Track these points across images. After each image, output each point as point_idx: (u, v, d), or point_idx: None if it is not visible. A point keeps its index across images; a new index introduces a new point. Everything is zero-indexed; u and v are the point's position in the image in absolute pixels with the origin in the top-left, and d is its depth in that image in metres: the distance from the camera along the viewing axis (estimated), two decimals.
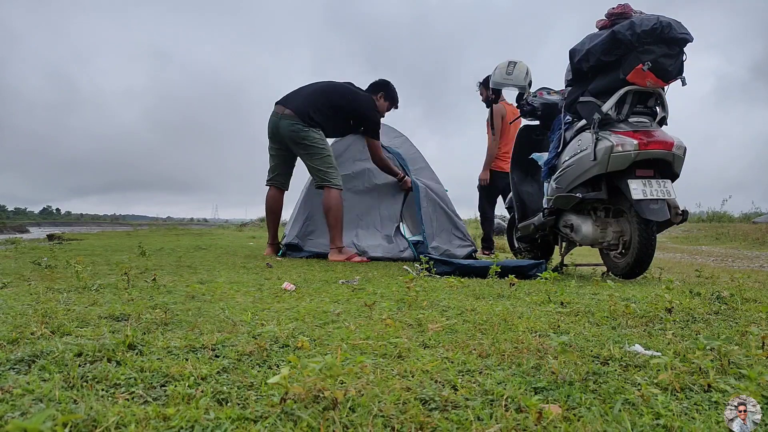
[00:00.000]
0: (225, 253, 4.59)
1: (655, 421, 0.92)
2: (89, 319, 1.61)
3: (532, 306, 2.09)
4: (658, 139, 3.04)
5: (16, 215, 73.23)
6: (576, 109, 3.44)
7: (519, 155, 4.56)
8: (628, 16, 3.09)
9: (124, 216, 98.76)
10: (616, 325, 1.73)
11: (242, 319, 1.69)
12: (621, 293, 2.36)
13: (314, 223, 4.60)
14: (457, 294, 2.40)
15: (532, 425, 0.89)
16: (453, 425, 0.90)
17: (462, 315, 1.86)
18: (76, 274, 2.47)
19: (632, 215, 3.13)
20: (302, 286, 2.60)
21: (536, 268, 3.30)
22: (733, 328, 1.72)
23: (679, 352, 1.36)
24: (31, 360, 1.16)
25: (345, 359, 1.22)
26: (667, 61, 2.96)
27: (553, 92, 4.35)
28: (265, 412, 0.92)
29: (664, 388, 1.09)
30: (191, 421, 0.87)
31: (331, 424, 0.88)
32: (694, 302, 2.13)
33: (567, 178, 3.44)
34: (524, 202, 4.44)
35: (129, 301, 1.96)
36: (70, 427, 0.82)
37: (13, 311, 1.70)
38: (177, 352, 1.27)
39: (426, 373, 1.17)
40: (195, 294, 2.18)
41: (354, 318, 1.77)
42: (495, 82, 4.22)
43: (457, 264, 3.39)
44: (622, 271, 3.28)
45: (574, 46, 3.34)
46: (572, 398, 1.02)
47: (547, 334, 1.55)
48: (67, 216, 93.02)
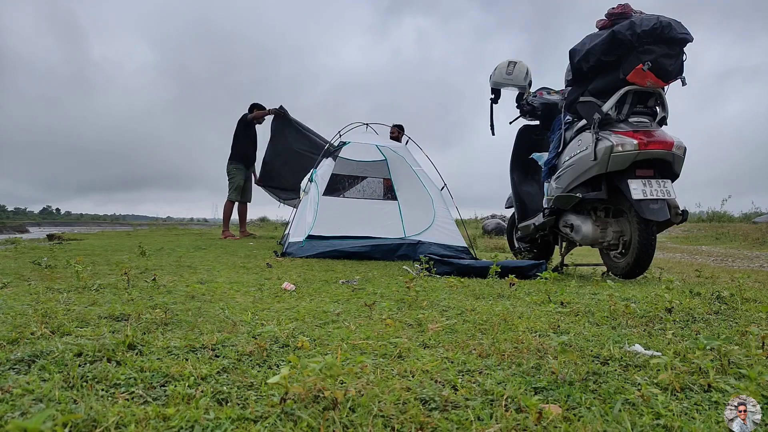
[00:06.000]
0: (225, 253, 4.59)
1: (655, 421, 0.92)
2: (89, 319, 1.61)
3: (532, 306, 2.09)
4: (658, 139, 3.04)
5: (16, 215, 73.27)
6: (576, 109, 3.44)
7: (519, 155, 4.56)
8: (628, 16, 3.09)
9: (125, 216, 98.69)
10: (616, 325, 1.73)
11: (242, 319, 1.69)
12: (621, 293, 2.36)
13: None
14: (457, 294, 2.40)
15: (532, 425, 0.89)
16: (453, 425, 0.90)
17: (462, 315, 1.86)
18: (76, 274, 2.47)
19: (632, 215, 3.13)
20: (302, 286, 2.60)
21: (536, 268, 3.30)
22: (733, 328, 1.72)
23: (679, 352, 1.36)
24: (31, 360, 1.16)
25: (345, 359, 1.22)
26: (667, 61, 2.96)
27: (553, 92, 4.35)
28: (265, 412, 0.92)
29: (664, 388, 1.09)
30: (191, 421, 0.87)
31: (331, 424, 0.88)
32: (694, 302, 2.13)
33: (567, 178, 3.44)
34: (524, 202, 4.44)
35: (129, 301, 1.96)
36: (70, 427, 0.83)
37: (13, 311, 1.70)
38: (177, 352, 1.27)
39: (426, 373, 1.17)
40: (195, 294, 2.18)
41: (354, 318, 1.77)
42: (495, 81, 4.23)
43: (457, 264, 3.39)
44: (622, 271, 3.28)
45: (574, 46, 3.34)
46: (572, 398, 1.02)
47: (547, 334, 1.55)
48: (67, 216, 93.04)
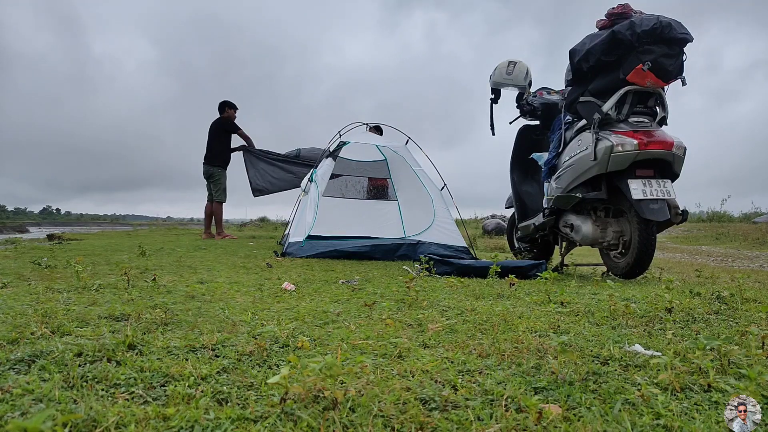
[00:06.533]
0: (225, 253, 4.59)
1: (655, 421, 0.92)
2: (89, 319, 1.61)
3: (532, 306, 2.09)
4: (658, 139, 3.04)
5: (16, 215, 73.29)
6: (576, 109, 3.44)
7: (519, 155, 4.56)
8: (628, 16, 3.09)
9: (125, 216, 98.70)
10: (616, 325, 1.73)
11: (242, 319, 1.69)
12: (621, 293, 2.36)
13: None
14: (457, 294, 2.40)
15: (532, 425, 0.88)
16: (453, 425, 0.90)
17: (462, 315, 1.86)
18: (76, 274, 2.47)
19: (632, 215, 3.13)
20: (302, 286, 2.60)
21: (536, 268, 3.30)
22: (733, 328, 1.72)
23: (679, 352, 1.36)
24: (31, 360, 1.16)
25: (345, 359, 1.22)
26: (667, 61, 2.96)
27: (553, 92, 4.35)
28: (265, 412, 0.92)
29: (664, 388, 1.09)
30: (191, 421, 0.87)
31: (331, 424, 0.88)
32: (694, 302, 2.13)
33: (567, 178, 3.44)
34: (524, 202, 4.44)
35: (129, 301, 1.96)
36: (70, 427, 0.82)
37: (13, 311, 1.70)
38: (177, 352, 1.27)
39: (426, 373, 1.17)
40: (195, 294, 2.18)
41: (354, 318, 1.77)
42: (495, 81, 4.23)
43: (457, 264, 3.39)
44: (622, 271, 3.28)
45: (574, 46, 3.34)
46: (572, 398, 1.02)
47: (547, 334, 1.55)
48: (67, 216, 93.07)
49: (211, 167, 6.93)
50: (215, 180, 6.93)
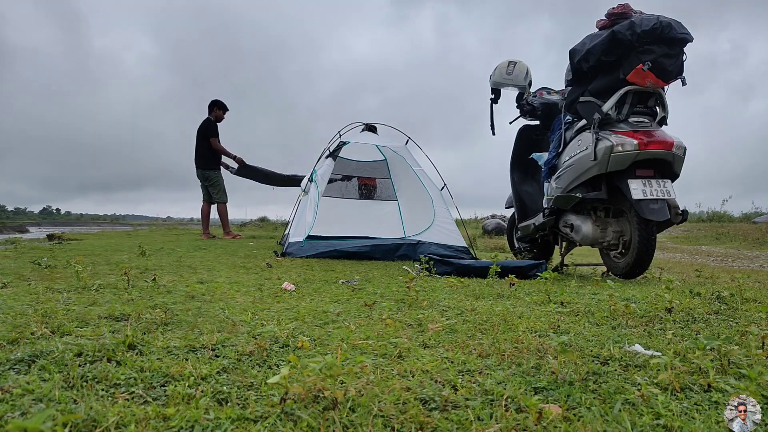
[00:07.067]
0: (225, 253, 4.59)
1: (655, 421, 0.92)
2: (89, 319, 1.61)
3: (532, 306, 2.09)
4: (658, 139, 3.04)
5: (16, 215, 73.35)
6: (576, 109, 3.44)
7: (519, 155, 4.56)
8: (628, 16, 3.09)
9: (125, 216, 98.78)
10: (616, 325, 1.73)
11: (242, 319, 1.69)
12: (621, 293, 2.36)
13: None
14: (457, 294, 2.40)
15: (532, 425, 0.88)
16: (453, 425, 0.90)
17: (462, 315, 1.86)
18: (76, 274, 2.47)
19: (632, 215, 3.13)
20: (302, 286, 2.60)
21: (536, 268, 3.30)
22: (733, 328, 1.72)
23: (679, 352, 1.36)
24: (31, 360, 1.16)
25: (345, 359, 1.22)
26: (667, 61, 2.96)
27: (553, 92, 4.35)
28: (265, 412, 0.92)
29: (664, 388, 1.09)
30: (191, 421, 0.87)
31: (331, 424, 0.88)
32: (694, 302, 2.13)
33: (567, 178, 3.44)
34: (524, 202, 4.44)
35: (129, 301, 1.96)
36: (70, 427, 0.82)
37: (13, 311, 1.70)
38: (177, 352, 1.27)
39: (426, 373, 1.17)
40: (195, 294, 2.18)
41: (354, 318, 1.77)
42: (495, 81, 4.23)
43: (457, 264, 3.39)
44: (622, 271, 3.28)
45: (574, 46, 3.34)
46: (572, 398, 1.02)
47: (547, 334, 1.55)
48: (67, 216, 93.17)
49: (206, 171, 6.94)
50: (213, 183, 6.94)
